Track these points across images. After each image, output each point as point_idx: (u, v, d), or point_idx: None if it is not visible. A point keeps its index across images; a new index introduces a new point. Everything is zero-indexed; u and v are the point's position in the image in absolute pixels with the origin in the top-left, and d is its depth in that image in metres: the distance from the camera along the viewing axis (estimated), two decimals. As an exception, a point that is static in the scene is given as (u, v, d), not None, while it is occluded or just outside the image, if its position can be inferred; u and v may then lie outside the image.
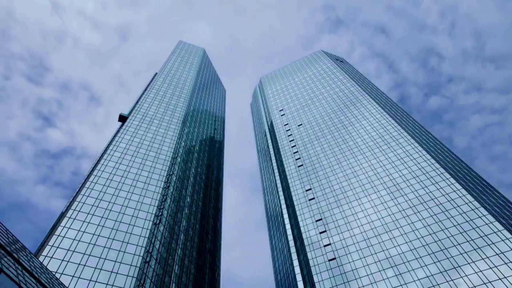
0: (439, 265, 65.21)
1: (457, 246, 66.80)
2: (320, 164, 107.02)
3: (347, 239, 79.59)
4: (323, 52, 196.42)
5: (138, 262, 64.19)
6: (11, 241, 31.47)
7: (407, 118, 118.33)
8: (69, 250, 61.20)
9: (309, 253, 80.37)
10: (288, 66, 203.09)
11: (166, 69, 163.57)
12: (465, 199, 74.84)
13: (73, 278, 56.73)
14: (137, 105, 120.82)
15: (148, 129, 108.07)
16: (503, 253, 61.84)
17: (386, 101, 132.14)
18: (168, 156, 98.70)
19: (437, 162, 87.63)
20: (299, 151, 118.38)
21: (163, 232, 77.02)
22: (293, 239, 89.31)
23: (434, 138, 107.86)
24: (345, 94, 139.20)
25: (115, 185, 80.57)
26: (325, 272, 74.62)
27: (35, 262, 34.71)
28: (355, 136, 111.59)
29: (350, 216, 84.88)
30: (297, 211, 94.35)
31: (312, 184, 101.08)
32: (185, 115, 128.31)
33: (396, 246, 72.69)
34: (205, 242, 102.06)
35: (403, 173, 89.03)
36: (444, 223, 72.21)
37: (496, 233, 65.49)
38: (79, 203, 72.03)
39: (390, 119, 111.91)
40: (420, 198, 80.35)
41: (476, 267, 61.95)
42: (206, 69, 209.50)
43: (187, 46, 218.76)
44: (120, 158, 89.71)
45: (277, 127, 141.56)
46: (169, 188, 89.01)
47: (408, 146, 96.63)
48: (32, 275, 28.78)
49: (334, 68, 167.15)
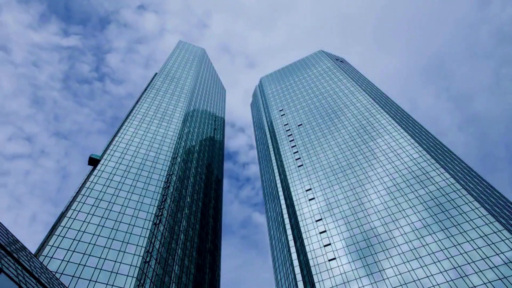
0: (439, 265, 65.20)
1: (457, 246, 66.79)
2: (320, 164, 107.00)
3: (347, 239, 79.58)
4: (323, 52, 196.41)
5: (138, 262, 64.19)
6: (11, 241, 31.46)
7: (407, 118, 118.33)
8: (69, 250, 61.19)
9: (309, 253, 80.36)
10: (288, 66, 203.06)
11: (166, 69, 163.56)
12: (465, 199, 74.83)
13: (73, 278, 56.72)
14: (137, 105, 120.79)
15: (148, 129, 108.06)
16: (503, 253, 61.84)
17: (386, 101, 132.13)
18: (168, 156, 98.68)
19: (437, 162, 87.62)
20: (299, 151, 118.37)
21: (163, 232, 77.01)
22: (293, 239, 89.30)
23: (434, 138, 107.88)
24: (345, 94, 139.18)
25: (115, 185, 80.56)
26: (325, 272, 74.61)
27: (35, 262, 34.70)
28: (355, 136, 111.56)
29: (350, 216, 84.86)
30: (297, 211, 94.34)
31: (312, 184, 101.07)
32: (185, 115, 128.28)
33: (396, 246, 72.68)
34: (205, 242, 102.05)
35: (403, 173, 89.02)
36: (444, 223, 72.20)
37: (496, 233, 65.49)
38: (79, 203, 72.02)
39: (390, 119, 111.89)
40: (420, 198, 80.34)
41: (476, 267, 61.94)
42: (206, 69, 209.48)
43: (187, 46, 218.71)
44: (120, 158, 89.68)
45: (277, 127, 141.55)
46: (169, 188, 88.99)
47: (408, 146, 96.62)
48: (32, 275, 28.78)
49: (334, 68, 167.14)
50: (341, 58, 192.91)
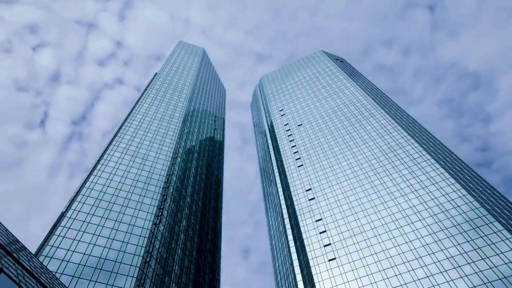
0: (439, 265, 65.20)
1: (457, 246, 66.79)
2: (320, 164, 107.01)
3: (347, 239, 79.58)
4: (323, 52, 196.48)
5: (138, 262, 64.20)
6: (11, 241, 31.46)
7: (407, 118, 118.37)
8: (69, 250, 61.21)
9: (309, 253, 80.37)
10: (288, 66, 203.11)
11: (166, 69, 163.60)
12: (465, 199, 74.84)
13: (73, 278, 56.74)
14: (137, 105, 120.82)
15: (148, 129, 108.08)
16: (503, 253, 61.84)
17: (386, 102, 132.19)
18: (168, 156, 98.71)
19: (437, 162, 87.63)
20: (299, 151, 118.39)
21: (163, 232, 77.02)
22: (293, 239, 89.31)
23: (434, 138, 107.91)
24: (345, 94, 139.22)
25: (115, 185, 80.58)
26: (325, 272, 74.62)
27: (35, 262, 34.71)
28: (355, 136, 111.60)
29: (350, 216, 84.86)
30: (297, 210, 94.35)
31: (312, 184, 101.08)
32: (185, 115, 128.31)
33: (396, 246, 72.69)
34: (205, 242, 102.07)
35: (403, 173, 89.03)
36: (444, 223, 72.20)
37: (496, 233, 65.49)
38: (79, 203, 72.04)
39: (390, 119, 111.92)
40: (420, 198, 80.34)
41: (476, 267, 61.95)
42: (206, 69, 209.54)
43: (187, 46, 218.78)
44: (120, 158, 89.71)
45: (277, 127, 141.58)
46: (169, 188, 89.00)
47: (409, 147, 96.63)
48: (32, 275, 28.78)
49: (334, 68, 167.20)
50: (341, 58, 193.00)
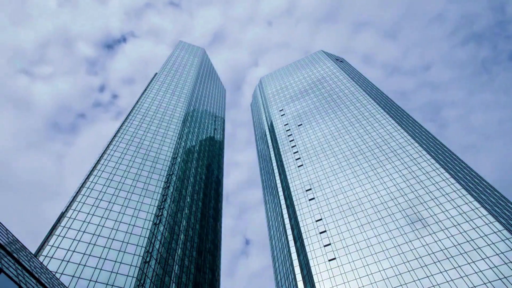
0: (439, 265, 65.21)
1: (456, 246, 66.80)
2: (320, 164, 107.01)
3: (347, 239, 79.58)
4: (323, 52, 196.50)
5: (138, 262, 64.21)
6: (11, 241, 31.46)
7: (407, 118, 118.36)
8: (69, 250, 61.21)
9: (309, 253, 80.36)
10: (288, 66, 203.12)
11: (166, 69, 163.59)
12: (465, 199, 74.83)
13: (73, 278, 56.74)
14: (137, 105, 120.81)
15: (148, 129, 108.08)
16: (503, 253, 61.84)
17: (386, 101, 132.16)
18: (168, 156, 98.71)
19: (437, 162, 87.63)
20: (299, 151, 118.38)
21: (163, 232, 77.02)
22: (293, 239, 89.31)
23: (434, 137, 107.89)
24: (344, 94, 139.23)
25: (115, 185, 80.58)
26: (325, 272, 74.62)
27: (35, 262, 34.70)
28: (355, 136, 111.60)
29: (350, 216, 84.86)
30: (297, 211, 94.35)
31: (312, 184, 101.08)
32: (185, 115, 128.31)
33: (396, 246, 72.69)
34: (205, 242, 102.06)
35: (403, 173, 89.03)
36: (444, 223, 72.21)
37: (496, 233, 65.49)
38: (79, 203, 72.04)
39: (390, 119, 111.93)
40: (420, 198, 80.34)
41: (476, 267, 61.95)
42: (206, 69, 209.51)
43: (187, 46, 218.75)
44: (120, 158, 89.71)
45: (277, 127, 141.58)
46: (169, 188, 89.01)
47: (408, 146, 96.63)
48: (32, 275, 28.78)
49: (334, 68, 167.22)
50: (341, 58, 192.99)
